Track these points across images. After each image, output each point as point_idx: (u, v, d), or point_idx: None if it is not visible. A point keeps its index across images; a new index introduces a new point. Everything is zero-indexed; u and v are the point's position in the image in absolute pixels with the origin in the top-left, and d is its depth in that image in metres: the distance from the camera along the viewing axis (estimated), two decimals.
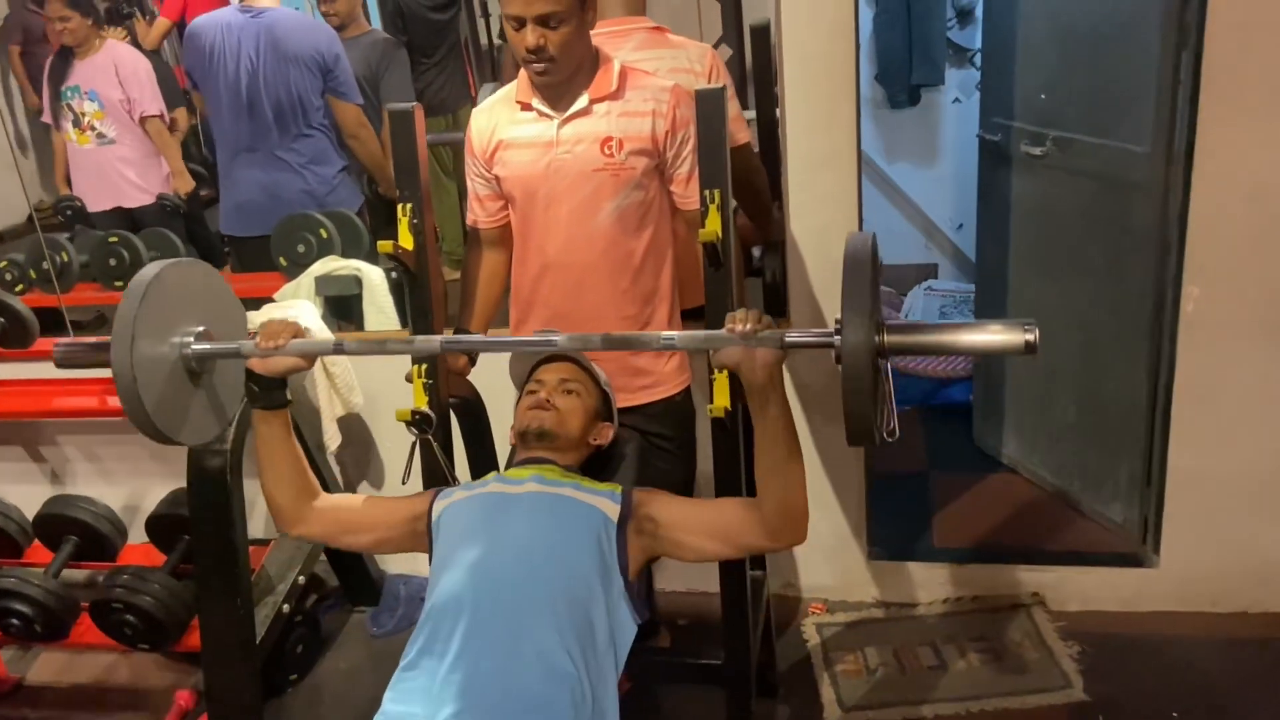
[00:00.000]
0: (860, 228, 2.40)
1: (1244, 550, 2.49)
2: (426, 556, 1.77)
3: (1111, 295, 2.60)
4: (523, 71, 2.01)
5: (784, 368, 1.50)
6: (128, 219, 3.76)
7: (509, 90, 2.07)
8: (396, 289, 2.90)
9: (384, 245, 1.88)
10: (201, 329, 1.63)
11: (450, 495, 1.74)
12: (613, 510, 1.66)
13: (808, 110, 2.31)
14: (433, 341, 1.69)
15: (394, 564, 2.98)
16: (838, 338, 1.34)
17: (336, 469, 2.90)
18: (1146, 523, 2.61)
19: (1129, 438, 2.60)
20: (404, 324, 2.88)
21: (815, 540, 2.70)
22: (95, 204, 3.72)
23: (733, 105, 2.21)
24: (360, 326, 2.89)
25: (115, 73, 3.60)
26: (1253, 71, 2.15)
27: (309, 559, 2.57)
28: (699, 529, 1.65)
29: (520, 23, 1.84)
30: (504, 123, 2.04)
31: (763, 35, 2.78)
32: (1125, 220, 2.50)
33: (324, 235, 2.97)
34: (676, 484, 2.23)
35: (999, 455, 3.14)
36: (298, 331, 1.64)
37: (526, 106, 2.01)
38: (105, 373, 2.63)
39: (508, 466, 1.96)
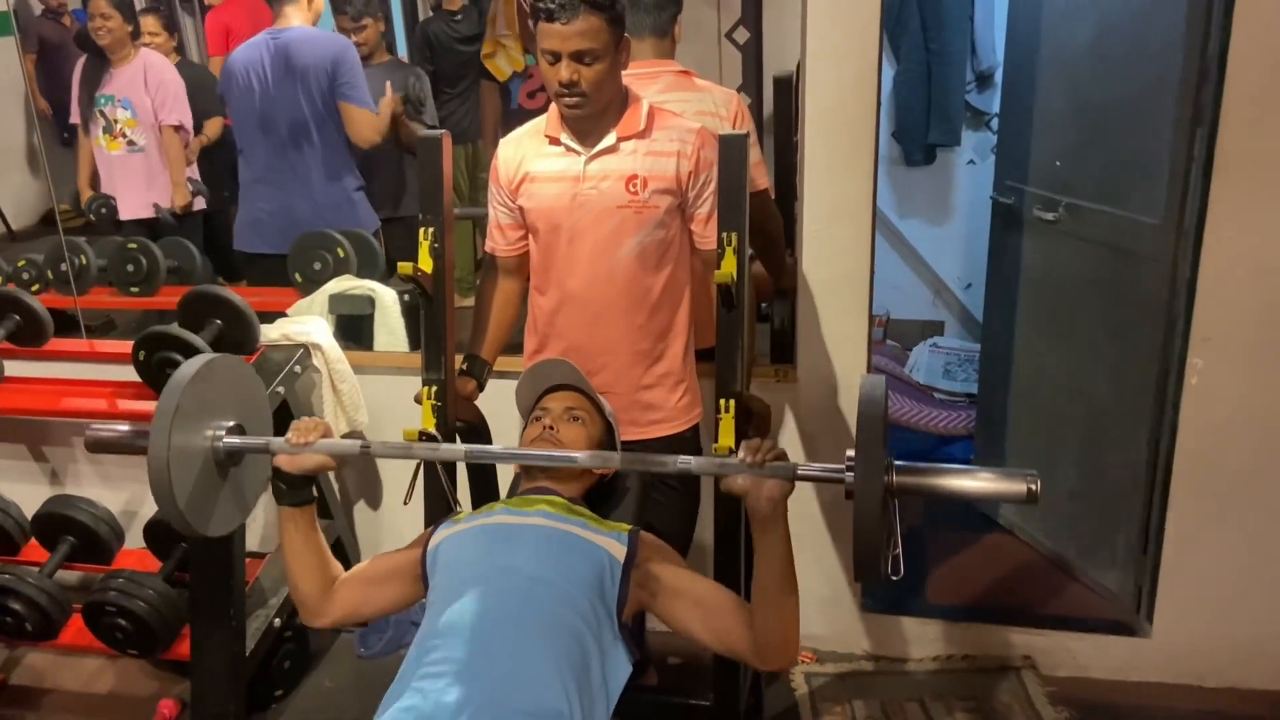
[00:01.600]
0: (872, 281, 2.43)
1: (1236, 625, 2.49)
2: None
3: (1116, 362, 2.63)
4: (553, 106, 2.05)
5: (793, 402, 1.52)
6: (150, 226, 3.80)
7: (538, 124, 2.11)
8: (409, 312, 2.93)
9: (404, 267, 1.91)
10: (233, 423, 1.65)
11: (451, 527, 1.73)
12: (620, 551, 1.65)
13: (826, 162, 2.35)
14: (457, 450, 1.70)
15: None
16: (849, 475, 1.39)
17: (336, 485, 2.91)
18: (1140, 592, 2.61)
19: (1127, 506, 2.61)
20: (413, 347, 2.90)
21: (808, 589, 2.69)
22: (123, 211, 3.75)
23: (754, 151, 2.26)
24: (370, 347, 2.91)
25: (145, 80, 3.66)
26: (1265, 150, 2.19)
27: None
28: (693, 610, 1.62)
29: (555, 57, 1.89)
30: (531, 155, 2.08)
31: (785, 86, 2.84)
32: (1133, 289, 2.53)
33: (340, 254, 3.00)
34: (678, 520, 2.25)
35: (996, 515, 3.15)
36: (327, 431, 1.66)
37: (555, 141, 2.05)
38: (114, 375, 2.70)
39: (511, 494, 1.97)
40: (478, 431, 2.23)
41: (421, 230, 1.97)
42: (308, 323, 2.60)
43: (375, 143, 3.26)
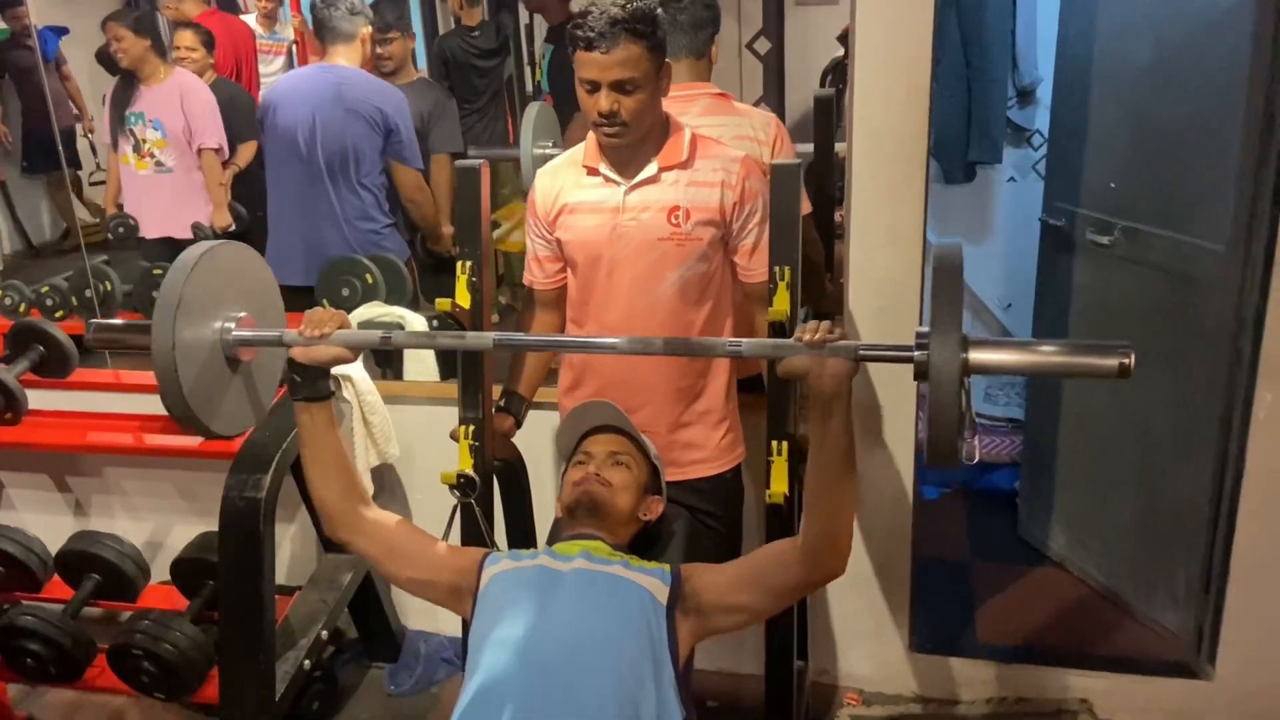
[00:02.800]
0: (921, 311, 2.33)
1: None
2: (449, 610, 1.73)
3: (1174, 393, 2.52)
4: (591, 135, 1.98)
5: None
6: (175, 250, 3.73)
7: (575, 153, 2.03)
8: None
9: (442, 303, 1.84)
10: (243, 314, 1.58)
11: (498, 562, 1.67)
12: (662, 592, 1.59)
13: (875, 187, 2.26)
14: (485, 338, 1.62)
15: (415, 619, 2.90)
16: (918, 353, 1.30)
17: None
18: (1202, 631, 2.50)
19: (1188, 542, 2.51)
20: (443, 376, 2.83)
21: (854, 625, 2.63)
22: (146, 230, 3.70)
23: None
24: (399, 375, 2.84)
25: (180, 102, 3.62)
26: None
27: (333, 613, 2.50)
28: (738, 582, 1.60)
29: (594, 86, 1.81)
30: (569, 186, 2.00)
31: (826, 106, 2.75)
32: (1194, 317, 2.42)
33: (369, 280, 2.94)
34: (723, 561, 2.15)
35: (1044, 548, 3.04)
36: (343, 321, 1.61)
37: (593, 171, 1.97)
38: (142, 409, 2.64)
39: (552, 539, 1.90)
40: (514, 469, 2.16)
41: (459, 264, 1.89)
42: None
43: (418, 200, 3.27)
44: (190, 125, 3.60)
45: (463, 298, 1.89)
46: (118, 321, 1.62)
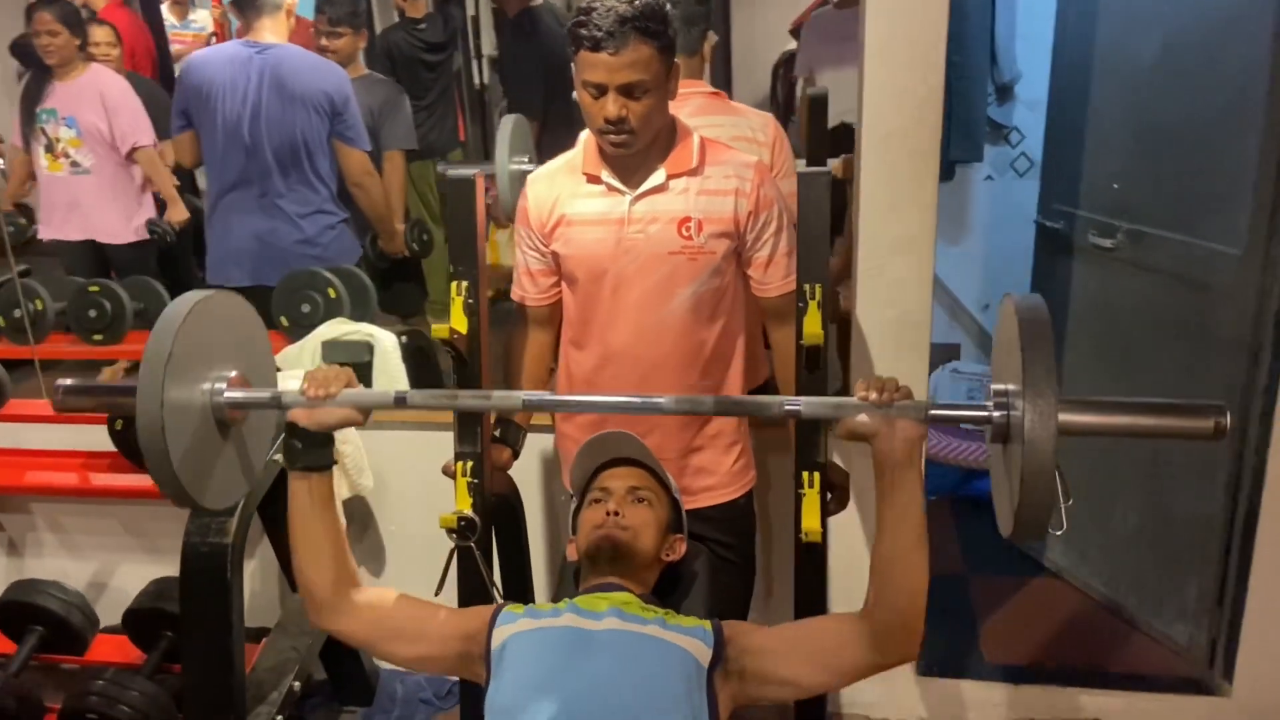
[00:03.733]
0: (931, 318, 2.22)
1: None
2: (459, 677, 1.56)
3: (1184, 399, 2.43)
4: (589, 140, 1.82)
5: (844, 449, 1.30)
6: (98, 255, 3.51)
7: (572, 159, 1.87)
8: (409, 355, 2.67)
9: (439, 330, 1.66)
10: (233, 373, 1.39)
11: (514, 621, 1.49)
12: (704, 654, 1.43)
13: (887, 191, 2.13)
14: (513, 398, 1.44)
15: None
16: (997, 413, 1.19)
17: None
18: (1215, 646, 2.43)
19: (1199, 554, 2.43)
20: None
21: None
22: (61, 232, 3.48)
23: (790, 181, 2.05)
24: None
25: (101, 102, 3.37)
26: None
27: (305, 662, 2.29)
28: (791, 654, 1.43)
29: (601, 90, 1.64)
30: (567, 194, 1.83)
31: (820, 105, 2.62)
32: (1206, 322, 2.34)
33: (332, 295, 2.73)
34: (738, 600, 2.01)
35: (1041, 559, 2.96)
36: (351, 380, 1.42)
37: (594, 179, 1.81)
38: (85, 445, 2.41)
39: (561, 581, 1.74)
40: (510, 505, 1.99)
41: (453, 285, 1.72)
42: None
43: (366, 184, 3.07)
44: (115, 127, 3.38)
45: (459, 322, 1.71)
46: (91, 383, 1.40)
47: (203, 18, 4.61)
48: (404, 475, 2.55)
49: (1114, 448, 2.67)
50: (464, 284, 1.72)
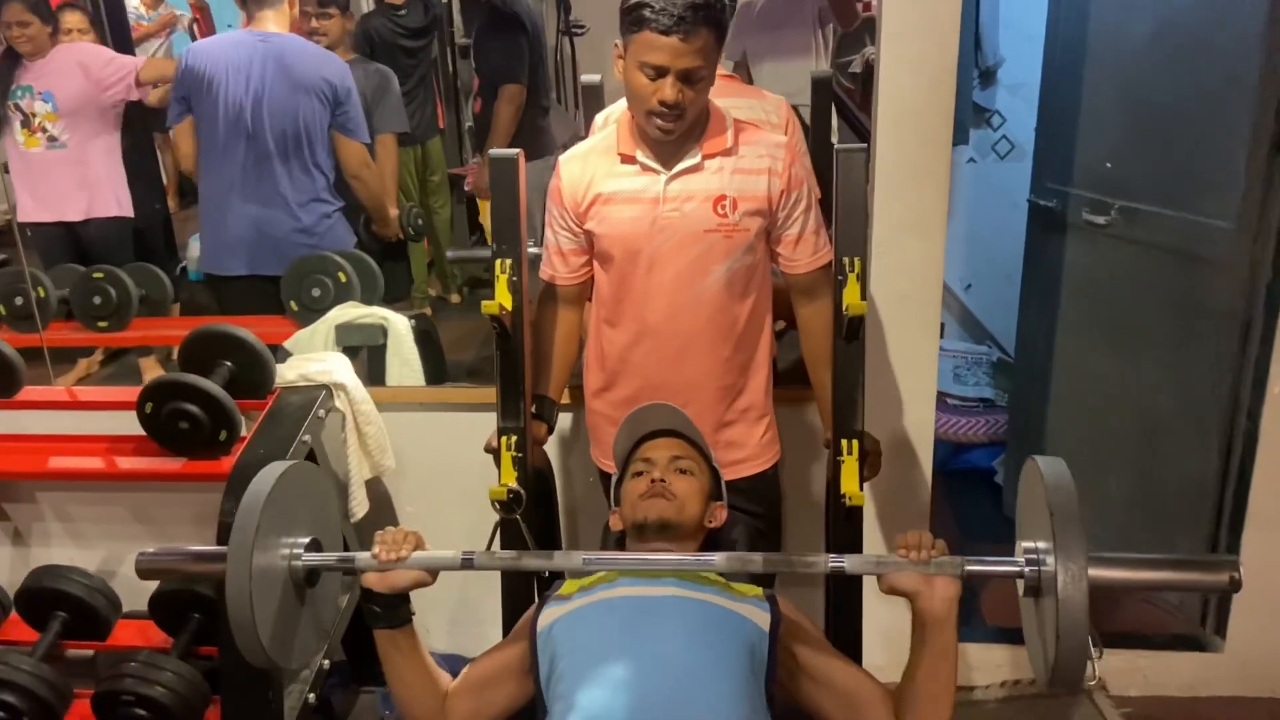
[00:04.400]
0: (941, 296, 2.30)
1: None
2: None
3: (1177, 371, 2.54)
4: (625, 121, 1.86)
5: None
6: (70, 235, 3.48)
7: (606, 139, 1.91)
8: (421, 339, 2.70)
9: (489, 307, 1.69)
10: (309, 539, 1.43)
11: (562, 605, 1.54)
12: (764, 620, 1.50)
13: (900, 169, 2.19)
14: (574, 558, 1.47)
15: None
16: (1028, 569, 1.27)
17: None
18: (1207, 604, 2.54)
19: (1190, 517, 2.54)
20: (430, 380, 2.67)
21: (866, 613, 2.58)
22: (35, 214, 3.44)
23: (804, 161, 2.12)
24: (381, 380, 2.66)
25: (81, 71, 3.38)
26: None
27: (334, 641, 2.32)
28: (835, 701, 1.52)
29: (660, 73, 1.68)
30: (602, 174, 1.87)
31: (824, 87, 2.68)
32: (1200, 296, 2.44)
33: (342, 279, 2.74)
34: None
35: None
36: (419, 542, 1.46)
37: (629, 159, 1.85)
38: (108, 428, 2.40)
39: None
40: (544, 478, 2.03)
41: (498, 263, 1.75)
42: (328, 360, 2.34)
43: (364, 176, 3.08)
44: (113, 73, 3.39)
45: (503, 297, 1.75)
46: (171, 549, 1.43)
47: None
48: (420, 457, 2.57)
49: (1096, 417, 2.78)
50: (508, 261, 1.75)
